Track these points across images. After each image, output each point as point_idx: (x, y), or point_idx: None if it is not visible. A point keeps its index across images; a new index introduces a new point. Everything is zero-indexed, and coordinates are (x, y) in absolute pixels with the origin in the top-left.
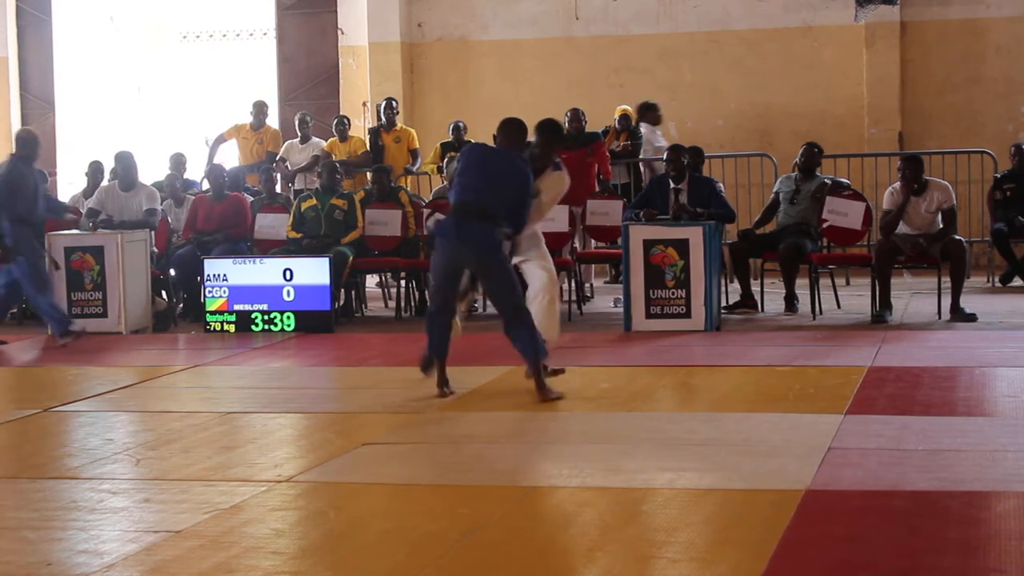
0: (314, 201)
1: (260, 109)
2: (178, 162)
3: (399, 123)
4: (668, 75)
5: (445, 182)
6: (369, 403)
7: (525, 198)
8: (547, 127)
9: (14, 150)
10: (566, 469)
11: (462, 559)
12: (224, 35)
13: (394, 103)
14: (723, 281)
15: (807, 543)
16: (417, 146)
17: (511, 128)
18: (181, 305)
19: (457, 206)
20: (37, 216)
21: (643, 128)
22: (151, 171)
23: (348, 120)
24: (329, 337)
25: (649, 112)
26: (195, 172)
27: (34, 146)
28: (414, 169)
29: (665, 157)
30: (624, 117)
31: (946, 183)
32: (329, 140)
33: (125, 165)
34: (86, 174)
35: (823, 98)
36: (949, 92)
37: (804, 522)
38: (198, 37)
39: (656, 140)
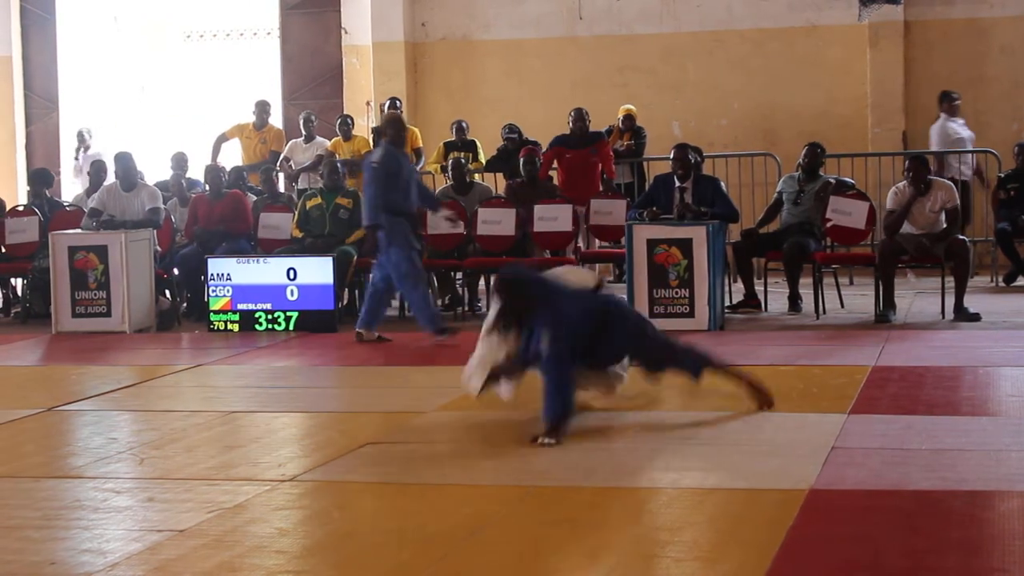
0: (319, 200)
1: (262, 108)
2: (180, 161)
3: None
4: (672, 74)
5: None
6: (372, 402)
7: None
8: None
9: (384, 134)
10: (571, 469)
11: (466, 558)
12: (228, 35)
13: (397, 102)
14: (727, 280)
15: (811, 542)
16: (420, 145)
17: None
18: (185, 304)
19: None
20: (411, 205)
21: (942, 117)
22: (154, 171)
23: (352, 119)
24: (332, 336)
25: (945, 102)
26: (198, 172)
27: (401, 129)
28: (417, 168)
29: (672, 155)
30: (628, 117)
31: (950, 183)
32: (333, 139)
33: (125, 166)
34: (88, 173)
35: (827, 97)
36: (953, 91)
37: (808, 521)
38: (201, 36)
39: (957, 131)
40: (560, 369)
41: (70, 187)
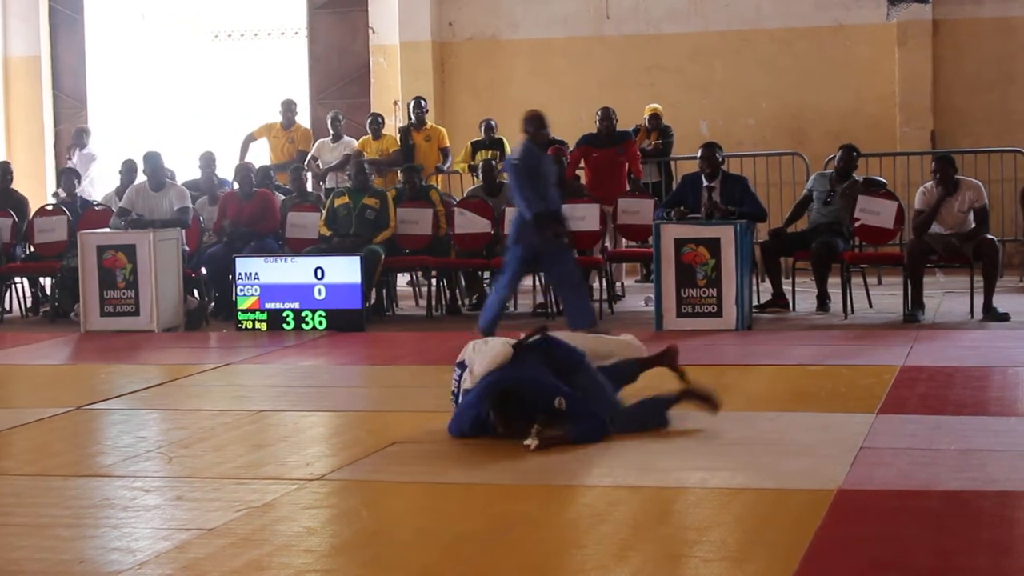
0: (347, 199)
1: (289, 108)
2: (208, 161)
3: (429, 121)
4: (699, 74)
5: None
6: (400, 402)
7: None
8: None
9: (524, 131)
10: (598, 468)
11: (495, 558)
12: (256, 34)
13: (423, 102)
14: (754, 280)
15: (839, 543)
16: (447, 144)
17: None
18: (213, 304)
19: None
20: (552, 203)
21: None
22: (182, 170)
23: (383, 118)
24: (360, 336)
25: None
26: (226, 170)
27: (542, 126)
28: (444, 168)
29: (700, 154)
30: (654, 116)
31: (978, 182)
32: (362, 138)
33: (153, 165)
34: (120, 172)
35: (855, 97)
36: (982, 91)
37: (836, 522)
38: (230, 36)
39: None
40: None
41: (98, 187)
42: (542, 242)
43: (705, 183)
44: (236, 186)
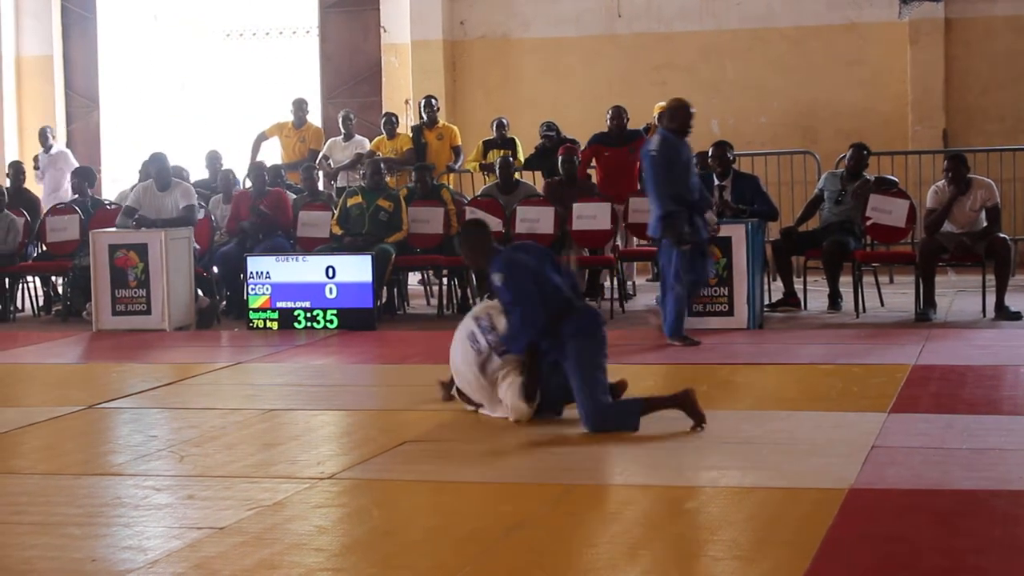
0: (360, 199)
1: (300, 107)
2: (213, 159)
3: (441, 120)
4: (711, 73)
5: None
6: (411, 400)
7: None
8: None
9: (664, 121)
10: (609, 467)
11: (506, 556)
12: (267, 33)
13: (434, 101)
14: (766, 279)
15: (850, 542)
16: (459, 143)
17: None
18: (224, 302)
19: None
20: (691, 194)
21: None
22: (194, 169)
23: (397, 117)
24: (371, 335)
25: None
26: (238, 170)
27: (686, 116)
28: (456, 167)
29: (710, 153)
30: (664, 115)
31: (990, 181)
32: (376, 137)
33: (159, 166)
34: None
35: (867, 95)
36: (994, 89)
37: (847, 521)
38: (241, 35)
39: None
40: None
41: (111, 186)
42: (694, 231)
43: (716, 182)
44: (248, 185)
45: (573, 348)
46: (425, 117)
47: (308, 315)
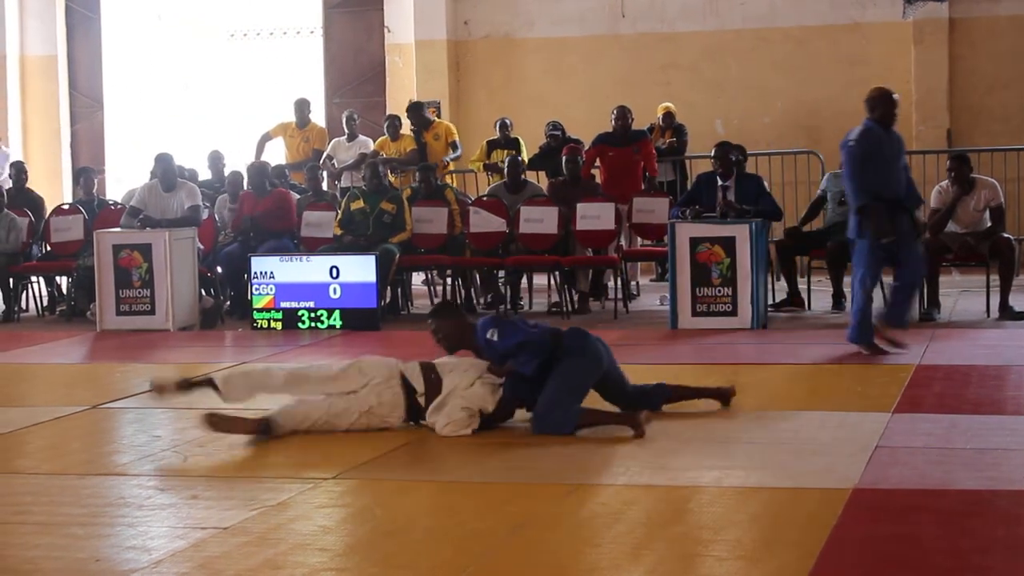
0: (362, 203)
1: (301, 107)
2: (216, 159)
3: (439, 120)
4: (715, 72)
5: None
6: None
7: None
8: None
9: (871, 110)
10: (612, 467)
11: (508, 556)
12: (271, 33)
13: (423, 105)
14: (770, 279)
15: (854, 542)
16: (456, 138)
17: None
18: (228, 302)
19: None
20: (893, 190)
21: None
22: (201, 169)
23: (400, 120)
24: (375, 335)
25: None
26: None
27: (891, 106)
28: (448, 159)
29: (713, 154)
30: (668, 115)
31: (994, 181)
32: (379, 139)
33: (164, 167)
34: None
35: None
36: (998, 89)
37: (851, 521)
38: (245, 35)
39: None
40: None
41: (115, 186)
42: (894, 226)
43: (720, 182)
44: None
45: (563, 363)
46: (412, 123)
47: (312, 315)
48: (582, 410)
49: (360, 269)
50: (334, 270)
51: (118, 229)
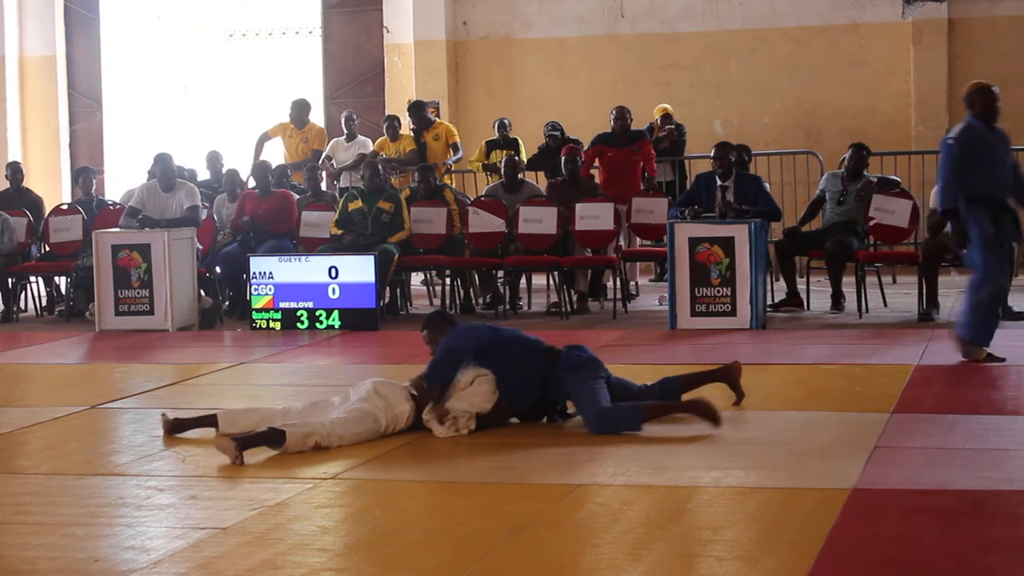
0: (360, 203)
1: (299, 107)
2: (214, 159)
3: (439, 120)
4: (714, 73)
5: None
6: None
7: None
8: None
9: (970, 106)
10: (612, 467)
11: (508, 556)
12: (270, 33)
13: (422, 104)
14: (769, 279)
15: (853, 542)
16: (456, 139)
17: None
18: (227, 303)
19: None
20: (996, 190)
21: None
22: (200, 169)
23: (399, 120)
24: (374, 335)
25: None
26: (241, 170)
27: (992, 100)
28: (450, 162)
29: (712, 154)
30: (666, 116)
31: None
32: (379, 139)
33: (164, 167)
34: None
35: (870, 96)
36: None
37: (850, 521)
38: (244, 35)
39: None
40: None
41: (113, 187)
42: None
43: (719, 182)
44: (252, 184)
45: (569, 378)
46: (412, 123)
47: (311, 315)
48: (647, 405)
49: (359, 269)
50: (333, 270)
51: (117, 229)
